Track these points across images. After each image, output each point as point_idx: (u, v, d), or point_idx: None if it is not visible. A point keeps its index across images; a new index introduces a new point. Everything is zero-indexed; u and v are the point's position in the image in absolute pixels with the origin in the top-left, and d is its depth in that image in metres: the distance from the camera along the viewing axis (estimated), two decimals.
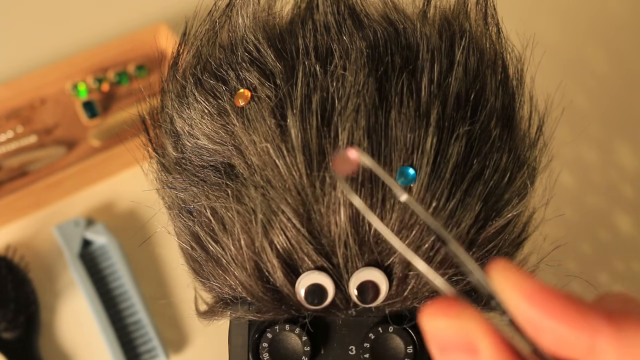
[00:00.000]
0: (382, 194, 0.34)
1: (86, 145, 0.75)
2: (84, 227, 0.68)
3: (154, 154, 0.43)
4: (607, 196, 0.73)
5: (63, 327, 0.66)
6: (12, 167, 0.73)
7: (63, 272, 0.68)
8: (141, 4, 0.84)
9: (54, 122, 0.77)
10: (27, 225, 0.70)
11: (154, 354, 0.64)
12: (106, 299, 0.66)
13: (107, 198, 0.72)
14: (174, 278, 0.68)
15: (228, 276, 0.37)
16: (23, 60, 0.80)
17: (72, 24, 0.84)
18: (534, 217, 0.42)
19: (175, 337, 0.66)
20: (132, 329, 0.65)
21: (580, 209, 0.72)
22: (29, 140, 0.74)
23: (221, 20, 0.41)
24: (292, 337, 0.37)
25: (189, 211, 0.39)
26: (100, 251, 0.68)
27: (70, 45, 0.81)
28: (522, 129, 0.42)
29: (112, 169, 0.73)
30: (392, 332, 0.36)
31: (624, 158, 0.76)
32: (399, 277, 0.35)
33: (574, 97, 0.77)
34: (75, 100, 0.77)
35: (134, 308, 0.66)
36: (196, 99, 0.39)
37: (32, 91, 0.77)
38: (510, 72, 0.41)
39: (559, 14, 0.84)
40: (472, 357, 0.23)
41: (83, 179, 0.72)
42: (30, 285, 0.66)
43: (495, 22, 0.42)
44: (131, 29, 0.81)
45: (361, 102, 0.35)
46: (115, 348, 0.63)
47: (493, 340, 0.23)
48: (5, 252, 0.67)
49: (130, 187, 0.72)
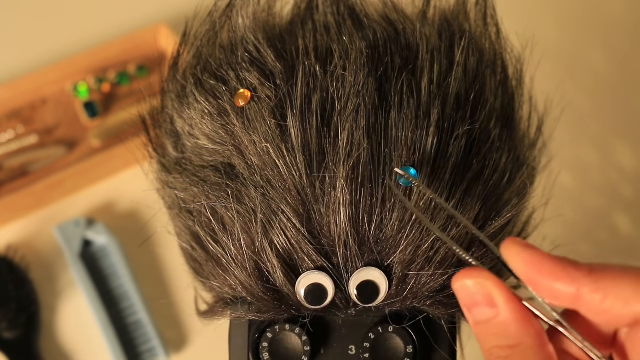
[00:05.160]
0: (382, 193, 0.34)
1: (86, 145, 0.75)
2: (84, 227, 0.68)
3: (154, 154, 0.43)
4: (607, 196, 0.73)
5: (63, 326, 0.66)
6: (13, 167, 0.73)
7: (63, 272, 0.68)
8: (141, 4, 0.84)
9: (54, 122, 0.77)
10: (27, 225, 0.71)
11: (154, 353, 0.64)
12: (106, 299, 0.66)
13: (107, 198, 0.73)
14: (174, 278, 0.69)
15: (228, 276, 0.37)
16: (24, 60, 0.80)
17: (72, 24, 0.84)
18: (533, 217, 0.42)
19: (175, 337, 0.66)
20: (132, 329, 0.65)
21: (580, 209, 0.72)
22: (30, 141, 0.75)
23: (221, 20, 0.41)
24: (292, 337, 0.37)
25: (189, 211, 0.39)
26: (100, 251, 0.68)
27: (70, 45, 0.81)
28: (522, 129, 0.42)
29: (112, 169, 0.73)
30: (392, 332, 0.36)
31: (624, 158, 0.76)
32: (398, 277, 0.35)
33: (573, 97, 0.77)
34: (76, 100, 0.77)
35: (134, 308, 0.66)
36: (196, 99, 0.39)
37: (33, 91, 0.77)
38: (510, 73, 0.41)
39: (558, 15, 0.84)
40: (492, 309, 0.30)
41: (83, 179, 0.72)
42: (30, 285, 0.66)
43: (495, 23, 0.42)
44: (131, 29, 0.81)
45: (361, 102, 0.35)
46: (116, 348, 0.63)
47: (506, 294, 0.30)
48: (6, 252, 0.67)
49: (130, 187, 0.72)
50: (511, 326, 0.30)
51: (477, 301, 0.31)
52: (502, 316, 0.30)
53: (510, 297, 0.30)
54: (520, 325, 0.30)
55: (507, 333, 0.30)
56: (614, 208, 0.72)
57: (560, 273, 0.29)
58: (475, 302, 0.31)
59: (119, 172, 0.74)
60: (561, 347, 0.32)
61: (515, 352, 0.30)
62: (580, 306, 0.30)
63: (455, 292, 0.31)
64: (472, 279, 0.31)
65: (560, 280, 0.29)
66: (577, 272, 0.29)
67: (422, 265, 0.35)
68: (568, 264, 0.30)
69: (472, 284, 0.31)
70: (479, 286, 0.30)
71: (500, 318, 0.30)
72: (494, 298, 0.30)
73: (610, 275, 0.29)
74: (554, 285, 0.29)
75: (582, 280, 0.29)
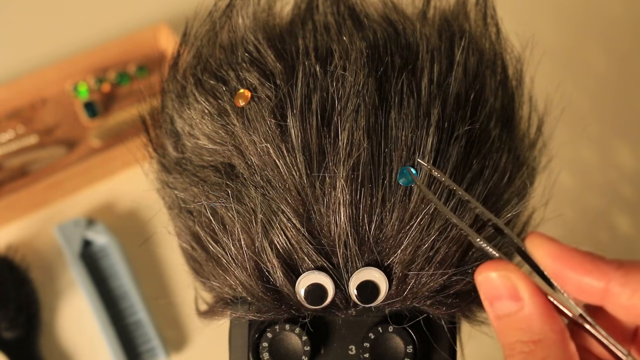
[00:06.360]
0: (382, 193, 0.34)
1: (86, 145, 0.75)
2: (84, 227, 0.68)
3: (155, 154, 0.43)
4: (607, 196, 0.73)
5: (64, 326, 0.66)
6: (13, 167, 0.73)
7: (64, 272, 0.68)
8: (141, 4, 0.84)
9: (54, 122, 0.77)
10: (27, 225, 0.71)
11: (154, 353, 0.64)
12: (107, 299, 0.66)
13: (107, 198, 0.73)
14: (174, 278, 0.69)
15: (228, 276, 0.37)
16: (24, 60, 0.80)
17: (72, 24, 0.84)
18: (533, 217, 0.42)
19: (175, 337, 0.66)
20: (132, 329, 0.65)
21: (580, 209, 0.72)
22: (30, 141, 0.75)
23: (221, 20, 0.41)
24: (292, 337, 0.37)
25: (189, 211, 0.39)
26: (100, 251, 0.68)
27: (70, 45, 0.81)
28: (522, 129, 0.42)
29: (112, 169, 0.73)
30: (392, 332, 0.36)
31: (624, 158, 0.76)
32: (398, 277, 0.35)
33: (573, 97, 0.77)
34: (76, 100, 0.77)
35: (134, 308, 0.66)
36: (196, 99, 0.39)
37: (33, 91, 0.77)
38: (510, 73, 0.41)
39: (558, 15, 0.84)
40: (516, 302, 0.30)
41: (83, 179, 0.72)
42: (31, 285, 0.66)
43: (495, 23, 0.42)
44: (131, 29, 0.81)
45: (361, 102, 0.35)
46: (116, 347, 0.63)
47: (532, 288, 0.30)
48: (6, 252, 0.67)
49: (130, 187, 0.72)
50: (535, 321, 0.30)
51: (501, 294, 0.30)
52: (526, 310, 0.30)
53: (536, 291, 0.30)
54: (545, 320, 0.30)
55: (531, 328, 0.30)
56: (614, 208, 0.72)
57: (590, 266, 0.29)
58: (498, 295, 0.30)
59: (119, 172, 0.74)
60: (581, 344, 0.32)
61: (539, 348, 0.29)
62: (607, 302, 0.29)
63: (477, 284, 0.31)
64: (497, 271, 0.30)
65: (590, 274, 0.29)
66: (607, 266, 0.29)
67: (422, 265, 0.35)
68: (596, 257, 0.30)
69: (496, 276, 0.30)
70: (504, 279, 0.30)
71: (524, 312, 0.30)
72: (519, 291, 0.30)
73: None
74: (583, 280, 0.29)
75: (611, 274, 0.29)
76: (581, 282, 0.29)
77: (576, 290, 0.30)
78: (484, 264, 0.31)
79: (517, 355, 0.30)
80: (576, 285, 0.29)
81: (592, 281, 0.29)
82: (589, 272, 0.29)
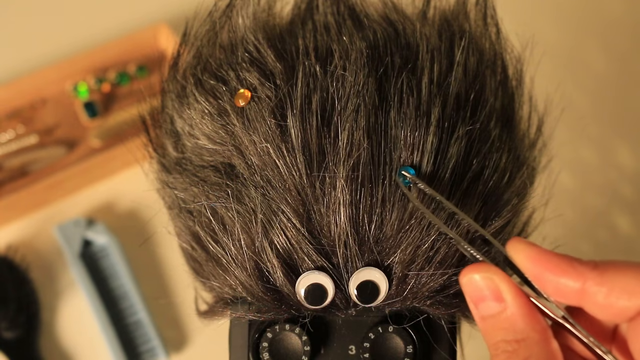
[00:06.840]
0: (382, 193, 0.34)
1: (86, 145, 0.75)
2: (84, 227, 0.68)
3: (155, 154, 0.43)
4: (607, 196, 0.73)
5: (64, 326, 0.66)
6: (13, 167, 0.73)
7: (64, 272, 0.68)
8: (141, 4, 0.84)
9: (54, 122, 0.77)
10: (27, 225, 0.71)
11: (154, 353, 0.64)
12: (107, 299, 0.66)
13: (107, 198, 0.73)
14: (174, 278, 0.69)
15: (228, 276, 0.37)
16: (23, 60, 0.80)
17: (72, 24, 0.84)
18: (533, 217, 0.42)
19: (175, 337, 0.66)
20: (132, 329, 0.65)
21: (580, 209, 0.72)
22: (30, 141, 0.75)
23: (221, 20, 0.41)
24: (292, 337, 0.37)
25: (189, 211, 0.39)
26: (100, 251, 0.68)
27: (70, 45, 0.81)
28: (522, 129, 0.42)
29: (112, 169, 0.73)
30: (392, 332, 0.36)
31: (624, 158, 0.76)
32: (398, 277, 0.35)
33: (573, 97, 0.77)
34: (76, 100, 0.77)
35: (134, 308, 0.66)
36: (196, 99, 0.39)
37: (33, 91, 0.77)
38: (510, 73, 0.41)
39: (558, 15, 0.84)
40: (500, 303, 0.31)
41: (83, 179, 0.72)
42: (31, 285, 0.66)
43: (495, 23, 0.42)
44: (131, 29, 0.81)
45: (361, 102, 0.35)
46: (116, 347, 0.63)
47: (514, 289, 0.31)
48: (6, 252, 0.67)
49: (130, 187, 0.72)
50: (518, 321, 0.30)
51: (485, 295, 0.31)
52: (509, 311, 0.31)
53: (518, 292, 0.31)
54: (527, 320, 0.30)
55: (514, 327, 0.30)
56: (614, 208, 0.72)
57: (566, 267, 0.30)
58: (482, 297, 0.31)
59: (119, 172, 0.74)
60: (565, 344, 0.33)
61: (522, 347, 0.30)
62: (584, 302, 0.30)
63: (462, 286, 0.32)
64: (480, 273, 0.31)
65: (566, 274, 0.30)
66: (583, 267, 0.30)
67: (422, 265, 0.35)
68: (573, 259, 0.31)
69: (479, 278, 0.31)
70: (487, 280, 0.31)
71: (507, 313, 0.31)
72: (501, 293, 0.31)
73: (615, 269, 0.30)
74: (560, 281, 0.30)
75: (587, 274, 0.30)
76: (559, 283, 0.30)
77: (555, 292, 0.31)
78: (468, 267, 0.32)
79: (501, 355, 0.31)
80: (555, 287, 0.30)
81: (568, 282, 0.30)
82: (565, 273, 0.30)
